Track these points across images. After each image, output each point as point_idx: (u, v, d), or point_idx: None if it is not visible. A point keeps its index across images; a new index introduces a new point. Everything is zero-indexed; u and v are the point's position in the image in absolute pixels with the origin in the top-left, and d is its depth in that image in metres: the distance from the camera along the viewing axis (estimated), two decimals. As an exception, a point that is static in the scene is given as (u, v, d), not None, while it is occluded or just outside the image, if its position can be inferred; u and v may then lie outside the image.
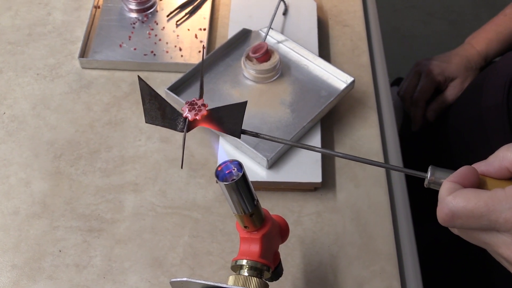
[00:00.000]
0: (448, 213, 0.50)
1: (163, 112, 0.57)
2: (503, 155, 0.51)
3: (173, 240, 0.79)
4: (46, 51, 1.00)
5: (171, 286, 0.58)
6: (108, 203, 0.82)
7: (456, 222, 0.50)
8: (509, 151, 0.51)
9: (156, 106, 0.56)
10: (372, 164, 0.57)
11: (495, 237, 0.49)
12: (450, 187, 0.51)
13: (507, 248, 0.48)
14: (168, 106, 0.56)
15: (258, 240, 0.59)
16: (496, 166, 0.52)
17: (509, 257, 0.48)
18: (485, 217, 0.48)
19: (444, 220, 0.51)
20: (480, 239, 0.51)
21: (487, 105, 1.04)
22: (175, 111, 0.57)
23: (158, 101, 0.56)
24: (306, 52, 0.93)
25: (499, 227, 0.48)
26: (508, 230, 0.47)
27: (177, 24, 1.02)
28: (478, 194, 0.49)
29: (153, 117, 0.57)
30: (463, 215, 0.49)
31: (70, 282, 0.76)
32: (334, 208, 0.82)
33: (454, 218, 0.50)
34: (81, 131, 0.90)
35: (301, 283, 0.76)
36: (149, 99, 0.56)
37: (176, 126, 0.57)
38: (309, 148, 0.60)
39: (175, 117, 0.57)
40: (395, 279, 0.76)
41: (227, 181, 0.54)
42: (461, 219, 0.50)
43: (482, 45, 1.19)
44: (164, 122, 0.57)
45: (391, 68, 1.10)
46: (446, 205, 0.50)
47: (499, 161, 0.51)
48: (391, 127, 0.94)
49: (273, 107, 0.87)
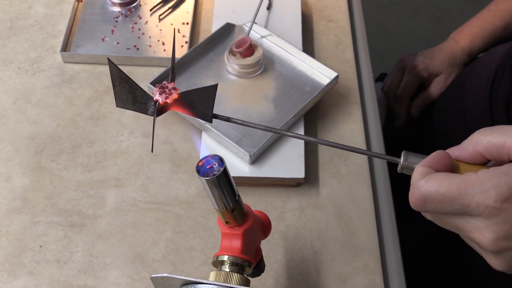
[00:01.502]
0: (420, 197, 0.50)
1: (133, 95, 0.56)
2: (477, 139, 0.51)
3: (155, 236, 0.79)
4: (28, 45, 0.99)
5: (152, 282, 0.57)
6: (90, 198, 0.82)
7: (428, 206, 0.50)
8: (483, 135, 0.51)
9: (126, 90, 0.56)
10: (347, 149, 0.56)
11: (467, 221, 0.49)
12: (423, 171, 0.50)
13: (479, 233, 0.48)
14: (139, 89, 0.56)
15: (239, 235, 0.59)
16: (470, 150, 0.51)
17: (481, 241, 0.48)
18: (457, 201, 0.48)
19: (416, 204, 0.51)
20: (453, 223, 0.50)
21: (470, 101, 1.04)
22: (145, 95, 0.56)
23: (129, 85, 0.55)
24: (290, 47, 0.92)
25: (471, 211, 0.47)
26: (480, 214, 0.47)
27: (160, 18, 1.01)
28: (451, 178, 0.49)
29: (124, 101, 0.56)
30: (435, 199, 0.49)
31: (51, 277, 0.75)
32: (317, 204, 0.82)
33: (426, 202, 0.50)
34: (62, 125, 0.89)
35: (283, 279, 0.76)
36: (119, 82, 0.55)
37: (147, 110, 0.56)
38: (283, 133, 0.59)
39: (146, 101, 0.56)
40: (378, 275, 0.76)
41: (208, 176, 0.54)
42: (433, 203, 0.49)
43: (466, 41, 1.20)
44: (135, 106, 0.56)
45: (376, 64, 1.10)
46: (418, 189, 0.50)
47: (473, 145, 0.51)
48: (375, 123, 0.94)
49: (256, 102, 0.87)
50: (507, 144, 0.49)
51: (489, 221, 0.47)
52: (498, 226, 0.47)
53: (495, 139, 0.50)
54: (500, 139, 0.50)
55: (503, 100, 0.95)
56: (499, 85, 0.98)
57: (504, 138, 0.49)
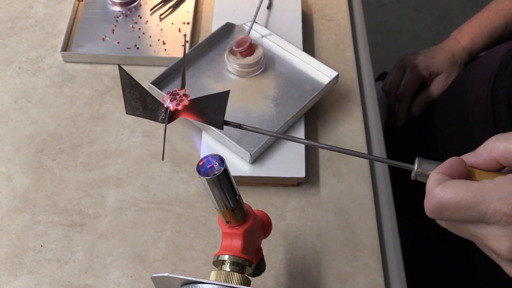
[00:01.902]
0: (436, 204, 0.49)
1: (144, 102, 0.56)
2: (492, 145, 0.50)
3: (156, 235, 0.79)
4: (28, 44, 0.99)
5: (152, 282, 0.57)
6: (90, 197, 0.82)
7: (444, 214, 0.49)
8: (498, 141, 0.50)
9: (136, 97, 0.55)
10: (359, 156, 0.56)
11: (484, 229, 0.48)
12: (438, 178, 0.50)
13: (496, 241, 0.47)
14: (149, 96, 0.55)
15: (240, 235, 0.59)
16: (485, 157, 0.50)
17: (498, 249, 0.47)
18: (474, 209, 0.47)
19: (431, 212, 0.50)
20: (469, 231, 0.50)
21: (471, 100, 1.04)
22: (156, 102, 0.56)
23: (139, 91, 0.55)
24: (290, 46, 0.92)
25: (488, 218, 0.47)
26: (497, 222, 0.46)
27: (160, 18, 1.01)
28: (467, 185, 0.48)
29: (134, 108, 0.56)
30: (451, 206, 0.48)
31: (51, 277, 0.75)
32: (317, 203, 0.82)
33: (442, 210, 0.49)
34: (63, 125, 0.89)
35: (284, 279, 0.76)
36: (129, 89, 0.55)
37: (158, 117, 0.56)
38: (292, 139, 0.58)
39: (156, 108, 0.56)
40: (379, 275, 0.76)
41: (209, 176, 0.54)
42: (449, 211, 0.48)
43: (467, 40, 1.20)
44: (145, 113, 0.56)
45: (376, 63, 1.10)
46: (434, 196, 0.49)
47: (488, 152, 0.50)
48: (376, 122, 0.94)
49: (256, 102, 0.87)
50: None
51: (507, 229, 0.46)
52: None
53: (510, 146, 0.49)
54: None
55: (505, 99, 0.95)
56: (500, 84, 0.98)
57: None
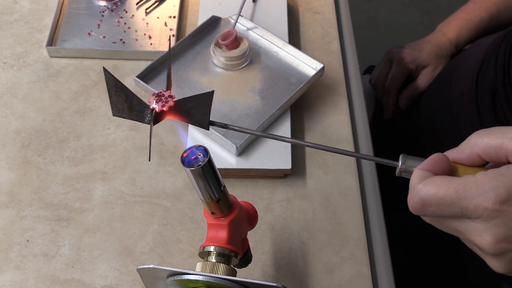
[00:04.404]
0: (419, 201, 0.49)
1: (130, 104, 0.56)
2: (474, 141, 0.50)
3: (143, 229, 0.79)
4: (13, 39, 0.99)
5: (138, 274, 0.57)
6: (77, 192, 0.82)
7: (427, 210, 0.49)
8: (480, 137, 0.50)
9: (122, 99, 0.55)
10: (344, 154, 0.56)
11: (466, 224, 0.48)
12: (421, 174, 0.50)
13: (478, 235, 0.48)
14: (135, 98, 0.56)
15: (225, 226, 0.59)
16: (467, 153, 0.51)
17: (481, 244, 0.48)
18: (456, 204, 0.47)
19: (415, 208, 0.50)
20: (452, 227, 0.50)
21: (456, 92, 1.04)
22: (142, 103, 0.56)
23: (125, 93, 0.55)
24: (276, 39, 0.92)
25: (470, 214, 0.47)
26: (479, 217, 0.47)
27: (146, 12, 1.01)
28: (449, 181, 0.48)
29: (120, 110, 0.56)
30: (434, 202, 0.48)
31: (38, 272, 0.75)
32: (304, 195, 0.82)
33: (425, 206, 0.49)
34: (49, 120, 0.89)
35: (271, 270, 0.76)
36: (115, 91, 0.55)
37: (144, 118, 0.56)
38: (279, 138, 0.59)
39: (142, 109, 0.56)
40: (365, 265, 0.76)
41: (193, 167, 0.54)
42: (432, 207, 0.49)
43: (453, 33, 1.20)
44: (131, 114, 0.56)
45: (366, 58, 1.10)
46: (417, 193, 0.49)
47: (470, 148, 0.51)
48: (361, 114, 0.94)
49: (242, 94, 0.87)
50: (504, 146, 0.48)
51: (488, 224, 0.47)
52: (497, 229, 0.46)
53: (492, 141, 0.49)
54: (497, 140, 0.49)
55: (489, 90, 0.95)
56: (484, 76, 0.98)
57: (501, 139, 0.49)
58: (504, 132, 0.49)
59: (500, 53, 0.96)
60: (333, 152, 0.56)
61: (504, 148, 0.49)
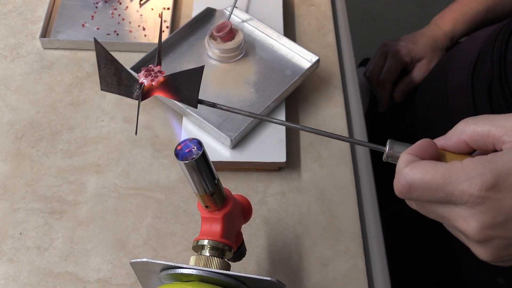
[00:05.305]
0: (405, 184, 0.49)
1: (119, 78, 0.55)
2: (461, 129, 0.51)
3: (136, 222, 0.78)
4: (7, 31, 0.98)
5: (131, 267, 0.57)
6: (70, 184, 0.81)
7: (412, 194, 0.49)
8: (468, 124, 0.50)
9: (112, 72, 0.55)
10: (332, 137, 0.56)
11: (451, 210, 0.48)
12: (408, 159, 0.50)
13: (463, 222, 0.48)
14: (124, 71, 0.55)
15: (219, 219, 0.58)
16: (455, 140, 0.51)
17: (466, 230, 0.48)
18: (442, 189, 0.47)
19: (401, 192, 0.50)
20: (437, 212, 0.50)
21: (452, 85, 1.04)
22: (131, 77, 0.55)
23: (114, 66, 0.55)
24: (271, 31, 0.92)
25: (456, 199, 0.47)
26: (465, 203, 0.47)
27: (140, 3, 1.00)
28: (436, 166, 0.48)
29: (109, 84, 0.55)
30: (420, 187, 0.48)
31: (31, 264, 0.75)
32: (298, 188, 0.82)
33: (411, 190, 0.49)
34: (42, 112, 0.88)
35: (265, 264, 0.75)
36: (105, 64, 0.54)
37: (132, 93, 0.55)
38: (268, 119, 0.58)
39: (131, 84, 0.55)
40: (360, 259, 0.76)
41: (187, 160, 0.53)
42: (418, 191, 0.49)
43: (448, 26, 1.20)
44: (120, 89, 0.55)
45: (361, 51, 1.10)
46: (403, 176, 0.49)
47: (458, 135, 0.51)
48: (357, 107, 0.94)
49: (237, 87, 0.86)
50: (491, 133, 0.49)
51: (474, 210, 0.47)
52: (482, 215, 0.46)
53: (479, 128, 0.49)
54: (485, 128, 0.49)
55: (485, 84, 0.95)
56: (480, 69, 0.98)
57: (488, 127, 0.49)
58: (492, 119, 0.49)
59: (496, 46, 0.96)
60: (322, 135, 0.56)
61: (491, 135, 0.49)
